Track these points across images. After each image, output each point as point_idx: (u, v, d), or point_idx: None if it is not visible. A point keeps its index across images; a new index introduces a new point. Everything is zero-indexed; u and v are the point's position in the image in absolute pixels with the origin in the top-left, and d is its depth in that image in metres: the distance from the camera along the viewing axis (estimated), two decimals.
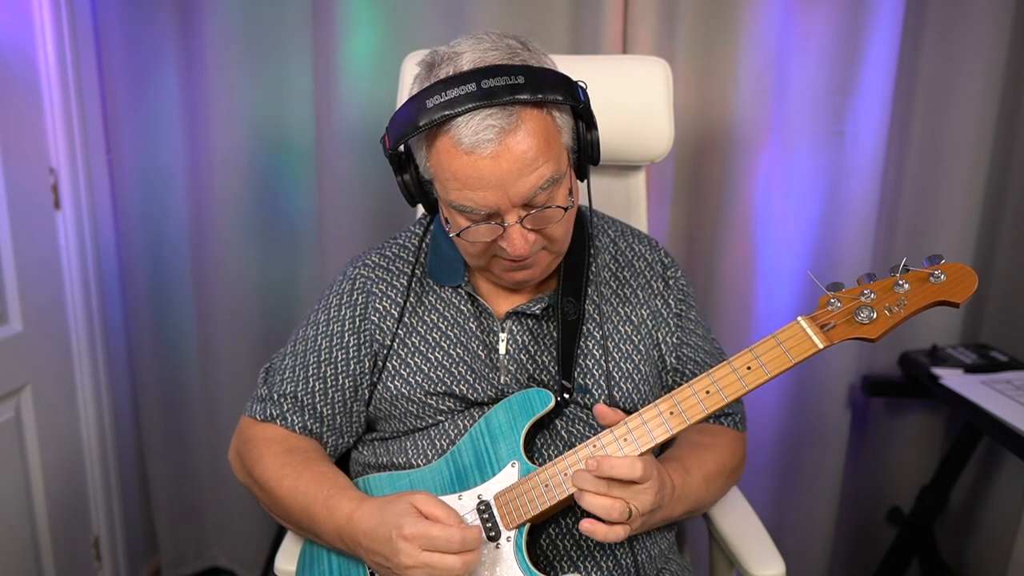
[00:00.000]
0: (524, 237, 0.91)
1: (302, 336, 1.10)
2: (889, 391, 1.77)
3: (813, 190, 1.67)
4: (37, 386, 1.61)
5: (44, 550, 1.66)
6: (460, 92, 0.85)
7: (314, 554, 1.02)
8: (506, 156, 0.86)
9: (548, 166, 0.89)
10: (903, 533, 1.78)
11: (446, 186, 0.90)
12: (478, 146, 0.85)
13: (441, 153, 0.88)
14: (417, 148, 0.93)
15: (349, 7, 1.64)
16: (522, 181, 0.87)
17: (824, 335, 0.84)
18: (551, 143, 0.89)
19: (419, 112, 0.86)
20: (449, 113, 0.85)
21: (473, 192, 0.88)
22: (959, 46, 1.62)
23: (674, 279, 1.12)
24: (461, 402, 1.02)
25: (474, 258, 0.98)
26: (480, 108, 0.85)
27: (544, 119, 0.89)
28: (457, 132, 0.86)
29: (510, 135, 0.86)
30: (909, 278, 0.84)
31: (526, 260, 0.96)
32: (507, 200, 0.88)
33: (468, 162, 0.86)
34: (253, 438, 1.07)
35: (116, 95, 1.76)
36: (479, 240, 0.93)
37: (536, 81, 0.87)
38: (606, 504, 0.84)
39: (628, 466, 0.83)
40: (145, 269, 1.87)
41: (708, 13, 1.60)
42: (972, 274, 0.83)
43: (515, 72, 0.86)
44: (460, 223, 0.92)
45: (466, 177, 0.87)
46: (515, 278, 1.00)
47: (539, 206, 0.90)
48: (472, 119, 0.85)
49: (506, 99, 0.85)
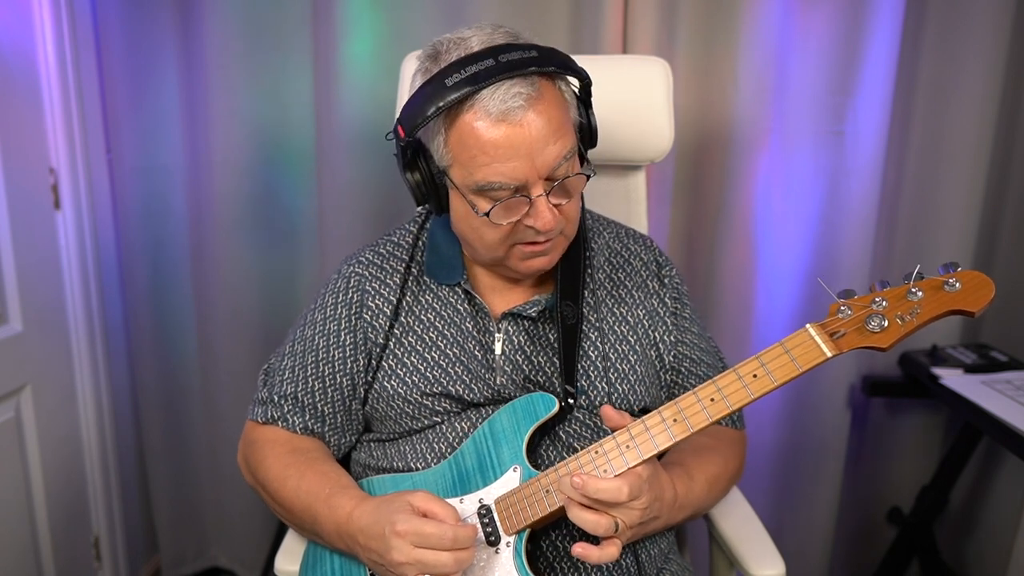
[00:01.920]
0: (551, 210, 0.91)
1: (300, 336, 1.10)
2: (889, 391, 1.77)
3: (813, 190, 1.67)
4: (37, 386, 1.61)
5: (44, 550, 1.66)
6: (480, 67, 0.86)
7: (317, 555, 1.02)
8: (534, 124, 0.87)
9: (567, 137, 0.91)
10: (903, 533, 1.78)
11: (470, 166, 0.90)
12: (509, 114, 0.86)
13: (464, 130, 0.88)
14: (433, 135, 0.92)
15: (349, 7, 1.64)
16: (548, 150, 0.88)
17: (833, 343, 0.81)
18: (566, 115, 0.92)
19: (439, 92, 0.86)
20: (473, 88, 0.85)
21: (503, 164, 0.88)
22: (959, 46, 1.62)
23: (669, 278, 1.12)
24: (457, 403, 1.02)
25: (492, 248, 0.97)
26: (504, 79, 0.86)
27: (557, 92, 0.91)
28: (483, 105, 0.86)
29: (536, 103, 0.87)
30: (923, 286, 0.81)
31: (547, 243, 0.96)
32: (535, 171, 0.89)
33: (498, 132, 0.87)
34: (256, 441, 1.07)
35: (116, 95, 1.76)
36: (506, 220, 0.92)
37: (548, 55, 0.89)
38: (592, 519, 0.83)
39: (614, 490, 0.82)
40: (145, 269, 1.87)
41: (708, 13, 1.60)
42: (989, 283, 0.80)
43: (527, 48, 0.88)
44: (484, 206, 0.91)
45: (495, 149, 0.87)
46: (532, 266, 0.99)
47: (560, 178, 0.91)
48: (498, 90, 0.86)
49: (529, 70, 0.86)
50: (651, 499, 0.86)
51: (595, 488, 0.82)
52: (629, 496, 0.83)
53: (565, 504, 0.85)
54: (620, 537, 0.85)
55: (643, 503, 0.85)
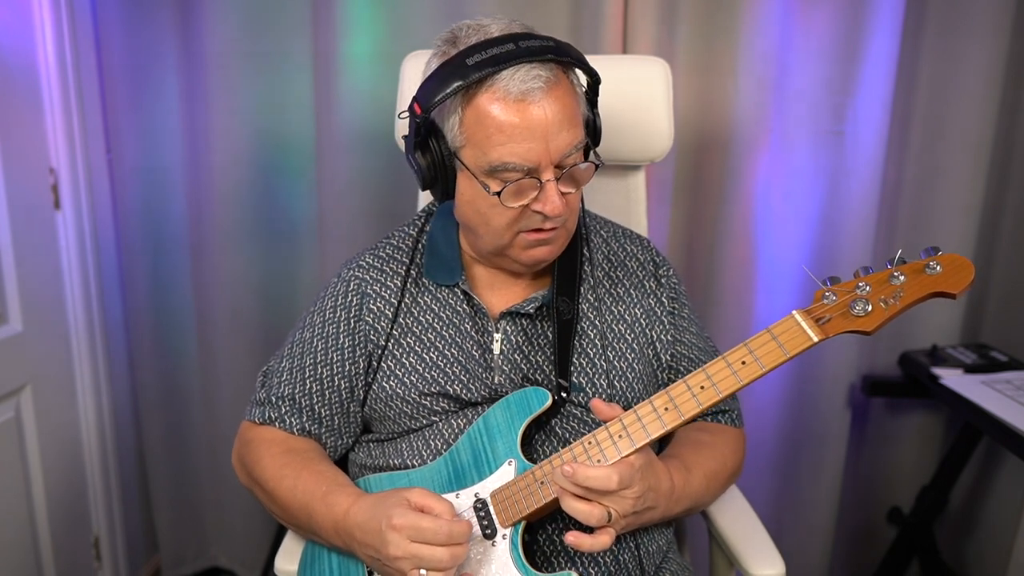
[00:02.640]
0: (560, 196, 0.93)
1: (298, 338, 1.10)
2: (889, 391, 1.77)
3: (813, 190, 1.67)
4: (37, 386, 1.61)
5: (44, 550, 1.66)
6: (501, 50, 0.88)
7: (315, 553, 1.02)
8: (553, 107, 0.89)
9: (579, 128, 0.93)
10: (903, 533, 1.78)
11: (485, 145, 0.91)
12: (529, 94, 0.88)
13: (482, 109, 0.90)
14: (448, 114, 0.92)
15: (349, 7, 1.64)
16: (562, 136, 0.90)
17: (819, 328, 0.83)
18: (577, 107, 0.94)
19: (459, 70, 0.88)
20: (495, 68, 0.87)
21: (518, 144, 0.89)
22: (959, 46, 1.62)
23: (666, 277, 1.12)
24: (455, 402, 1.02)
25: (499, 233, 0.97)
26: (524, 62, 0.88)
27: (571, 84, 0.94)
28: (504, 84, 0.88)
29: (554, 88, 0.90)
30: (905, 270, 0.83)
31: (552, 231, 0.97)
32: (547, 154, 0.90)
33: (517, 111, 0.88)
34: (253, 441, 1.07)
35: (116, 95, 1.76)
36: (516, 203, 0.93)
37: (564, 47, 0.92)
38: (584, 509, 0.84)
39: (604, 478, 0.83)
40: (145, 269, 1.87)
41: (708, 13, 1.60)
42: (968, 264, 0.81)
43: (545, 39, 0.91)
44: (495, 187, 0.93)
45: (513, 128, 0.89)
46: (534, 255, 1.00)
47: (570, 166, 0.93)
48: (519, 71, 0.88)
49: (548, 56, 0.89)
50: (644, 488, 0.87)
51: (584, 476, 0.83)
52: (619, 484, 0.84)
53: (559, 494, 0.86)
54: (614, 526, 0.86)
55: (635, 492, 0.86)
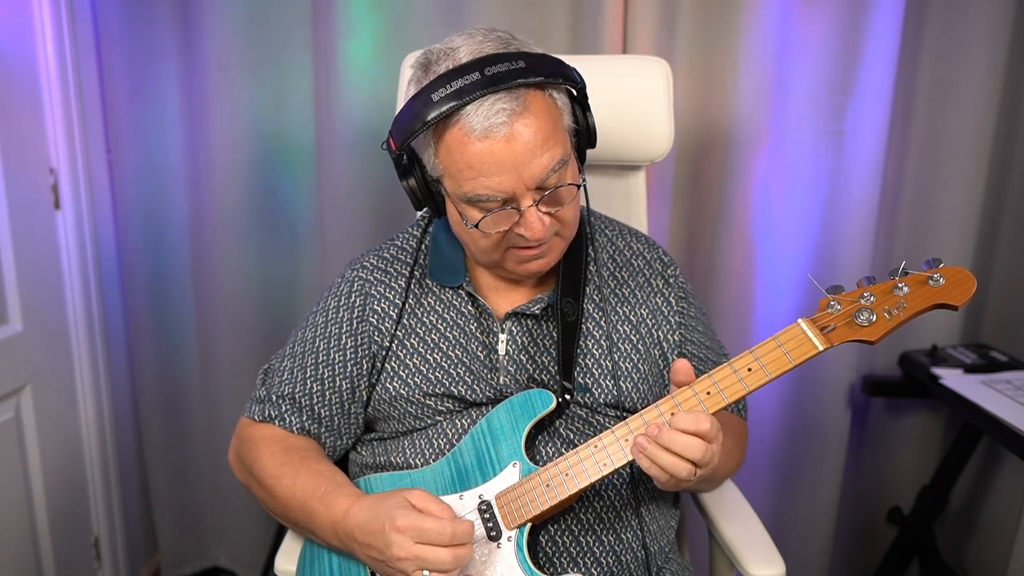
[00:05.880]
0: (541, 220, 0.92)
1: (300, 338, 1.10)
2: (889, 391, 1.77)
3: (813, 190, 1.67)
4: (37, 386, 1.61)
5: (44, 550, 1.66)
6: (465, 82, 0.86)
7: (314, 553, 1.02)
8: (519, 138, 0.87)
9: (558, 147, 0.91)
10: (903, 533, 1.78)
11: (458, 179, 0.91)
12: (492, 130, 0.87)
13: (452, 145, 0.89)
14: (424, 146, 0.93)
15: (349, 7, 1.64)
16: (535, 162, 0.89)
17: (824, 337, 0.84)
18: (556, 124, 0.92)
19: (425, 107, 0.87)
20: (458, 103, 0.86)
21: (488, 179, 0.89)
22: (959, 46, 1.62)
23: (674, 277, 1.12)
24: (459, 403, 1.02)
25: (487, 252, 0.98)
26: (488, 94, 0.86)
27: (547, 101, 0.91)
28: (468, 121, 0.87)
29: (520, 117, 0.87)
30: (908, 281, 0.85)
31: (542, 247, 0.96)
32: (522, 183, 0.89)
33: (482, 148, 0.87)
34: (251, 438, 1.07)
35: (116, 95, 1.76)
36: (496, 229, 0.93)
37: (536, 64, 0.89)
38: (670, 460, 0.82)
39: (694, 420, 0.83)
40: (145, 269, 1.87)
41: (708, 13, 1.60)
42: (971, 277, 0.83)
43: (514, 58, 0.88)
44: (475, 215, 0.93)
45: (481, 164, 0.88)
46: (530, 268, 1.00)
47: (551, 187, 0.92)
48: (482, 105, 0.86)
49: (512, 83, 0.86)
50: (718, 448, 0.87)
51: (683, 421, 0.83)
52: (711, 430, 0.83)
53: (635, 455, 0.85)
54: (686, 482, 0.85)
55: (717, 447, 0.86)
